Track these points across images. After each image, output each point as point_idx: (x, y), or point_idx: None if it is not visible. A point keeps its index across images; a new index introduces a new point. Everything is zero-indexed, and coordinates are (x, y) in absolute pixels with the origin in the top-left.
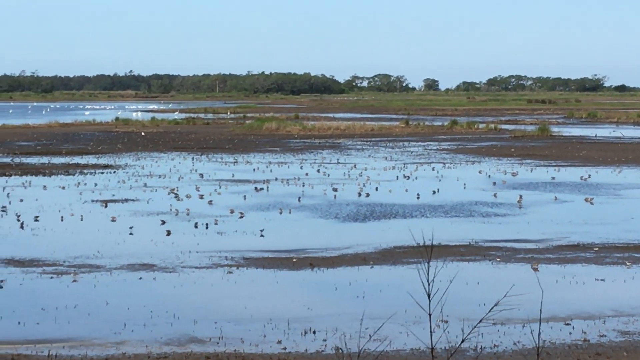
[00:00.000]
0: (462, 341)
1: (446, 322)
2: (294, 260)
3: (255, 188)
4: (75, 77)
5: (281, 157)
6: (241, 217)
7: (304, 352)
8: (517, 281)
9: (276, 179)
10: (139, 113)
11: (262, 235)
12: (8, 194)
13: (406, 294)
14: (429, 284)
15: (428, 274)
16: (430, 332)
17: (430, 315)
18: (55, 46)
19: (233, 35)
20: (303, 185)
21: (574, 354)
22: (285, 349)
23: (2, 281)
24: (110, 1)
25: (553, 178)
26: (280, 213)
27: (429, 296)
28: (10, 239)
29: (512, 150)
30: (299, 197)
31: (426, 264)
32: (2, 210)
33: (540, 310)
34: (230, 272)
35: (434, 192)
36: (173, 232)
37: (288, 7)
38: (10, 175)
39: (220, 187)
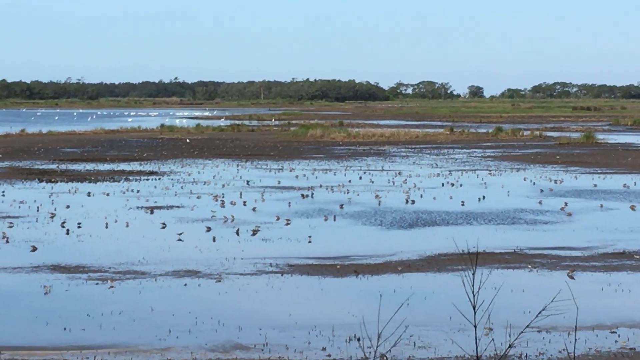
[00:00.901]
0: (510, 347)
1: (491, 329)
2: (339, 267)
3: (302, 195)
4: (120, 84)
5: (326, 164)
6: (287, 224)
7: (348, 359)
8: (562, 289)
9: (320, 185)
10: (184, 120)
11: (310, 242)
12: (53, 200)
13: (450, 301)
14: (474, 296)
15: (473, 286)
16: (476, 342)
17: (475, 326)
18: (101, 53)
19: (278, 42)
20: (347, 192)
21: None
22: (329, 355)
23: (48, 287)
24: (155, 9)
25: (595, 185)
26: (326, 220)
27: (474, 308)
28: (57, 245)
29: (557, 157)
30: (342, 205)
31: (470, 273)
32: (51, 217)
33: (576, 318)
34: (277, 278)
35: (479, 199)
36: (218, 238)
37: (332, 15)
38: (56, 182)
39: (264, 194)
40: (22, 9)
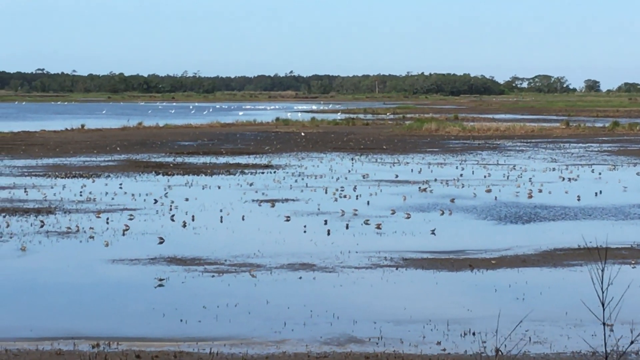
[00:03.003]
0: (632, 343)
1: (611, 325)
2: (453, 261)
3: (419, 188)
4: (236, 77)
5: (440, 157)
6: (407, 218)
7: (463, 354)
8: None
9: (435, 179)
10: (299, 113)
11: (433, 233)
12: (169, 193)
13: (566, 296)
14: (602, 292)
15: (602, 282)
16: (605, 340)
17: (604, 324)
18: (217, 47)
19: (393, 36)
20: (462, 186)
21: None
22: (444, 350)
23: (162, 279)
24: (271, 3)
25: None
26: (442, 214)
27: (603, 304)
28: (173, 237)
29: None
30: (454, 199)
31: (594, 267)
32: (168, 210)
33: None
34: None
35: (596, 194)
36: (333, 231)
37: (447, 8)
38: (173, 175)
39: (379, 188)
40: (139, 5)
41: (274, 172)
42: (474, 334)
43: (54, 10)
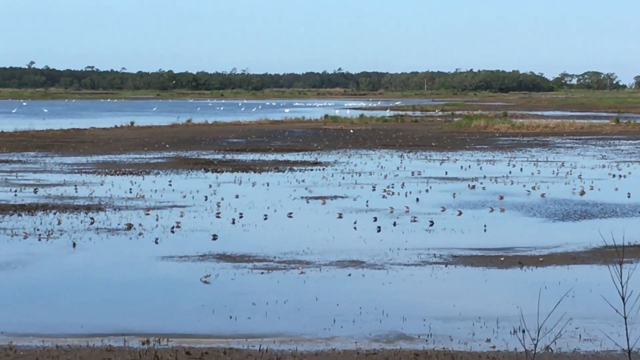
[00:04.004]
0: None
1: None
2: (503, 258)
3: (469, 185)
4: (285, 74)
5: (489, 154)
6: (459, 215)
7: (513, 351)
8: None
9: (484, 176)
10: (348, 110)
11: (483, 231)
12: (218, 190)
13: (617, 294)
14: (622, 287)
15: (621, 277)
16: (627, 335)
17: (625, 318)
18: (265, 44)
19: (442, 33)
20: (512, 183)
21: None
22: (494, 347)
23: (207, 276)
24: (319, 1)
25: None
26: (491, 211)
27: (623, 299)
28: (222, 234)
29: None
30: (502, 196)
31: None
32: (217, 207)
33: None
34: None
35: None
36: (382, 228)
37: (496, 5)
38: (221, 172)
39: (428, 185)
40: (188, 3)
41: (323, 169)
42: (523, 331)
43: (105, 8)
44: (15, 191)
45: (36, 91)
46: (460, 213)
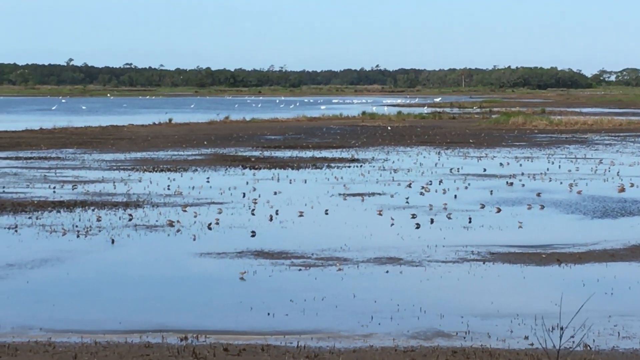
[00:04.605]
0: None
1: None
2: (542, 255)
3: (506, 182)
4: (322, 71)
5: (527, 151)
6: (498, 212)
7: (551, 348)
8: None
9: (522, 173)
10: (385, 107)
11: (520, 227)
12: (255, 187)
13: None
14: None
15: None
16: None
17: None
18: (303, 41)
19: (479, 30)
20: (550, 180)
21: None
22: (532, 344)
23: (244, 273)
24: None
25: None
26: (529, 208)
27: None
28: (260, 231)
29: None
30: (540, 193)
31: None
32: (254, 204)
33: None
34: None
35: None
36: (420, 225)
37: (533, 2)
38: (259, 169)
39: (466, 182)
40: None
41: (360, 165)
42: (561, 328)
43: (142, 5)
44: (54, 188)
45: (75, 88)
46: (499, 210)
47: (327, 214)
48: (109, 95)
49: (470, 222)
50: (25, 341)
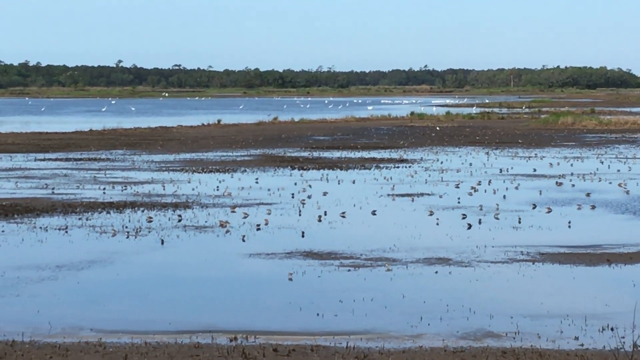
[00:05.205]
0: None
1: None
2: (591, 256)
3: (556, 183)
4: (370, 72)
5: (577, 151)
6: (548, 212)
7: (602, 349)
8: None
9: (572, 174)
10: (434, 107)
11: (572, 227)
12: (305, 188)
13: None
14: None
15: None
16: None
17: None
18: (351, 42)
19: (528, 29)
20: (599, 181)
21: None
22: (582, 345)
23: (291, 274)
24: None
25: None
26: (579, 208)
27: None
28: (309, 232)
29: None
30: (589, 193)
31: None
32: (302, 204)
33: None
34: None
35: None
36: (468, 226)
37: (582, 1)
38: (308, 169)
39: (515, 182)
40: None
41: (409, 166)
42: (612, 329)
43: (191, 6)
44: (104, 189)
45: (124, 89)
46: (550, 210)
47: (374, 214)
48: (166, 94)
49: (519, 222)
50: (76, 341)
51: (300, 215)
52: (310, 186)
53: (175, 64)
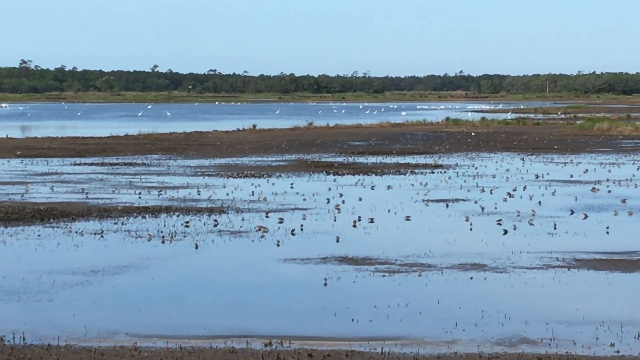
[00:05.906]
0: None
1: None
2: (627, 262)
3: (592, 188)
4: (405, 77)
5: (612, 157)
6: (585, 219)
7: (638, 356)
8: None
9: (608, 180)
10: (469, 113)
11: (607, 232)
12: (340, 193)
13: None
14: None
15: None
16: None
17: None
18: (386, 47)
19: (564, 35)
20: (635, 187)
21: None
22: (618, 352)
23: (326, 279)
24: (440, 3)
25: None
26: (615, 215)
27: None
28: (344, 237)
29: None
30: (626, 199)
31: None
32: (337, 210)
33: None
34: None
35: None
36: (504, 232)
37: (618, 7)
38: (343, 174)
39: (551, 188)
40: (310, 6)
41: (444, 172)
42: None
43: (226, 12)
44: (139, 193)
45: (159, 94)
46: (586, 216)
47: (409, 219)
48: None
49: (555, 228)
50: (111, 346)
51: (335, 220)
52: (345, 191)
53: (211, 69)
